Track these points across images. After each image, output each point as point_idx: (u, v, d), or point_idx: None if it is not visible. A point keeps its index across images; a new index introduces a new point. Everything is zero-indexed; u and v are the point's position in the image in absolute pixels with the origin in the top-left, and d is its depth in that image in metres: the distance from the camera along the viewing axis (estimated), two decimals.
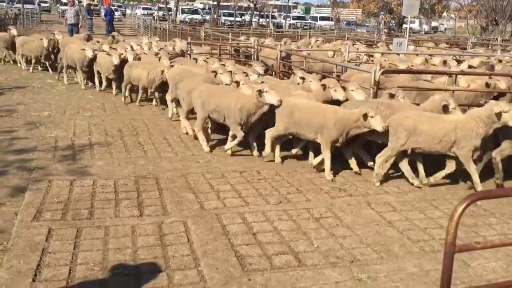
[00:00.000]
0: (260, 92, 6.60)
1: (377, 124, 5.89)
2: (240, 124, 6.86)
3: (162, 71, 9.03)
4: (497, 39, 26.36)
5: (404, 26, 31.86)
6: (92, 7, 32.82)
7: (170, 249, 4.33)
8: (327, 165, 6.32)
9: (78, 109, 9.84)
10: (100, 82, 11.79)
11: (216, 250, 4.34)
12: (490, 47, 20.74)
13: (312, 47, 15.62)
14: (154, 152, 7.20)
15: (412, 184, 6.15)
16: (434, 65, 11.10)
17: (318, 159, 6.55)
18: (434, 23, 58.63)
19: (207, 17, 51.46)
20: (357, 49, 14.67)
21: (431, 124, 5.86)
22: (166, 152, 7.26)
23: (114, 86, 11.32)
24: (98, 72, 11.61)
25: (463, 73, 8.25)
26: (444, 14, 55.94)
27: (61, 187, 5.65)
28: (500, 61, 11.99)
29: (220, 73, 7.94)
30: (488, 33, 29.67)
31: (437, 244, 4.60)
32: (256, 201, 5.52)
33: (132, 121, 9.00)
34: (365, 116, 5.94)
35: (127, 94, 10.55)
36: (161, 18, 41.67)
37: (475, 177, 5.85)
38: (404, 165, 6.24)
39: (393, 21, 32.58)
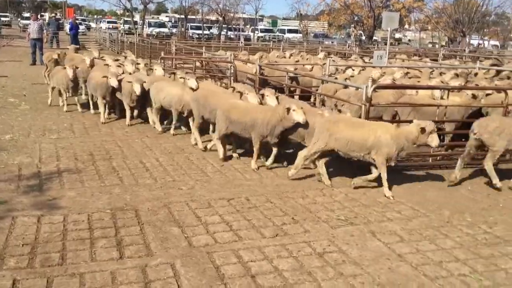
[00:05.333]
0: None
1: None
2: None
3: None
4: (464, 50, 26.81)
5: (373, 38, 32.10)
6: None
7: None
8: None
9: (44, 131, 9.06)
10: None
11: None
12: (459, 58, 20.94)
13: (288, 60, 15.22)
14: (131, 179, 6.55)
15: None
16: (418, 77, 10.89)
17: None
18: (397, 35, 59.65)
19: (174, 30, 50.85)
20: (333, 61, 14.39)
21: None
22: (144, 178, 6.61)
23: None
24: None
25: (458, 87, 7.95)
26: (406, 26, 57.76)
27: (26, 225, 4.94)
28: (475, 74, 11.91)
29: None
30: (455, 44, 30.20)
31: (458, 282, 4.13)
32: (250, 235, 4.95)
33: (104, 143, 8.30)
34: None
35: None
36: (127, 32, 40.74)
37: None
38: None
39: (361, 33, 32.73)
